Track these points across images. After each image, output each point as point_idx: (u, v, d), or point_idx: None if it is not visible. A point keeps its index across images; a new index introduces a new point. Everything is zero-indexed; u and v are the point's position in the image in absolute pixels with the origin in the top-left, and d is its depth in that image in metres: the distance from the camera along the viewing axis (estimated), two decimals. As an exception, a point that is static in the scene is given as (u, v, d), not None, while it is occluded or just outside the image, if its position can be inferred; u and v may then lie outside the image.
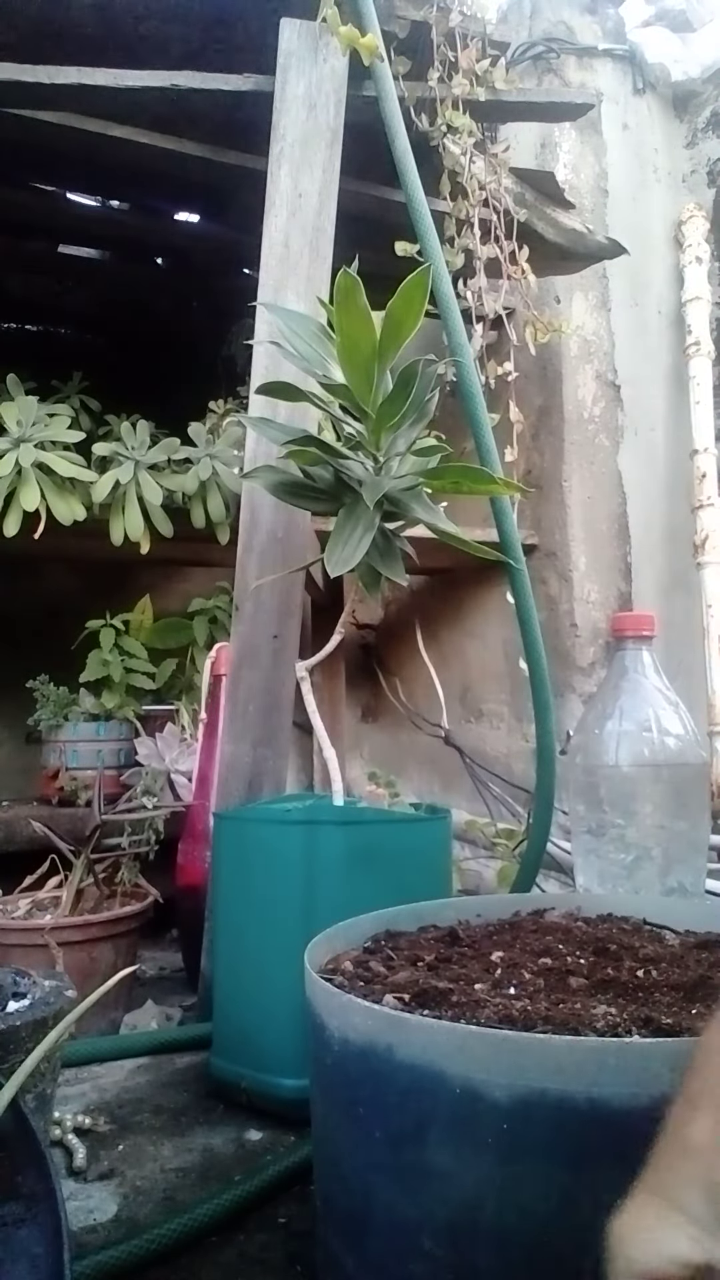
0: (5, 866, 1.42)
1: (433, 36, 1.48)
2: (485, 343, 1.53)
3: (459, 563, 1.82)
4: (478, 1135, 0.46)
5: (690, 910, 0.80)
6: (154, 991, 1.37)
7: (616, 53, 1.91)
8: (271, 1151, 0.87)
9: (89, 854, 1.27)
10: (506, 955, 0.68)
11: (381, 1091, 0.50)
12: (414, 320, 0.96)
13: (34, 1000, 0.66)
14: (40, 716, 1.80)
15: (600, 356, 1.82)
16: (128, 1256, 0.67)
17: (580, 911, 0.83)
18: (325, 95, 1.36)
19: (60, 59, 1.34)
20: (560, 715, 1.56)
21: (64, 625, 1.91)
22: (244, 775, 1.23)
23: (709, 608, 1.76)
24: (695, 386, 1.87)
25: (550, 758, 1.23)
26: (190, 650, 1.93)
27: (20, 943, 1.17)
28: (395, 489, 1.03)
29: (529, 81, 1.83)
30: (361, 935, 0.74)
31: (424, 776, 2.10)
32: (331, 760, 1.09)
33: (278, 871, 0.97)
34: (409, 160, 1.28)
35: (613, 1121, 0.44)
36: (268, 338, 1.16)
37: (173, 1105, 0.98)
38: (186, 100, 1.38)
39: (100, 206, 1.93)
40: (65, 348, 2.49)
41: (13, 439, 1.48)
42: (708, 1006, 0.56)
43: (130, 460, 1.55)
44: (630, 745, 1.14)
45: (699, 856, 1.14)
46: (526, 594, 1.24)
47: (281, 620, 1.26)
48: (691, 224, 1.93)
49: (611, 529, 1.80)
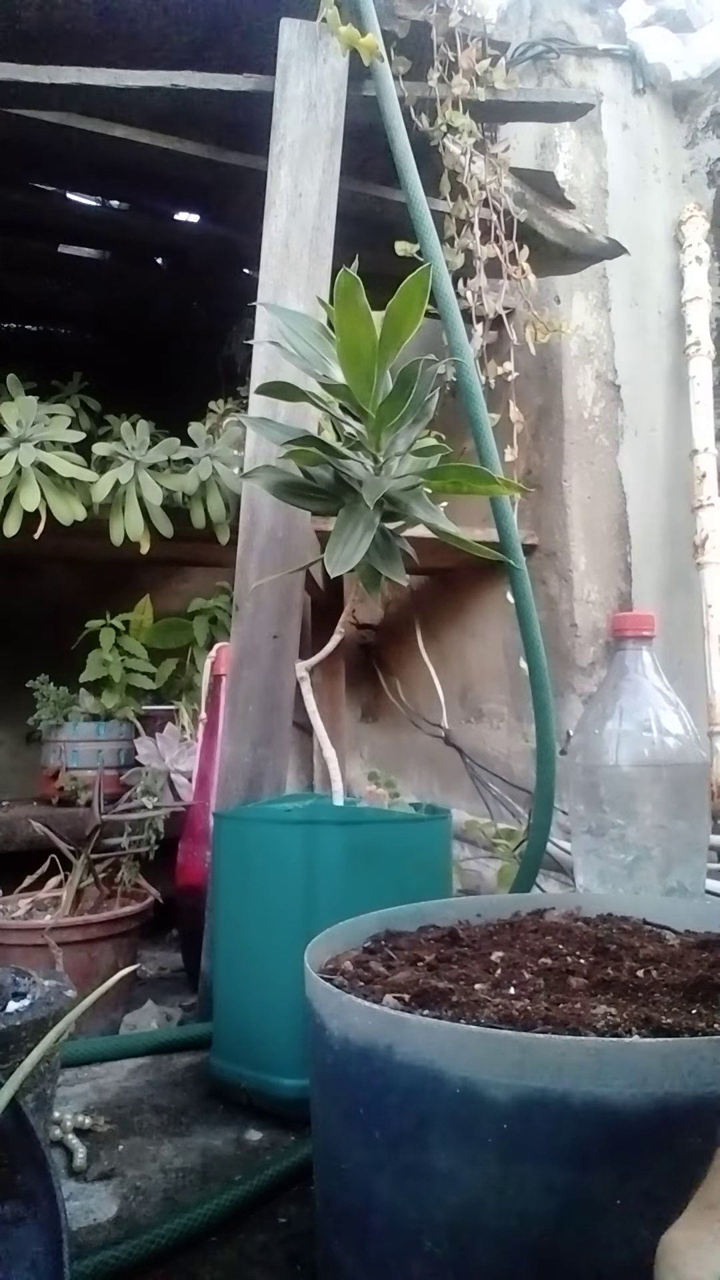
0: (5, 866, 1.42)
1: (433, 36, 1.48)
2: (485, 343, 1.53)
3: (459, 563, 1.82)
4: (478, 1135, 0.46)
5: (690, 910, 0.80)
6: (154, 991, 1.37)
7: (616, 53, 1.91)
8: (271, 1151, 0.87)
9: (89, 854, 1.27)
10: (506, 955, 0.68)
11: (381, 1091, 0.50)
12: (414, 320, 0.96)
13: (34, 1000, 0.66)
14: (40, 716, 1.80)
15: (600, 356, 1.82)
16: (128, 1256, 0.67)
17: (580, 911, 0.83)
18: (325, 95, 1.36)
19: (60, 59, 1.34)
20: (560, 715, 1.56)
21: (64, 625, 1.91)
22: (244, 775, 1.23)
23: (709, 608, 1.76)
24: (695, 386, 1.87)
25: (550, 758, 1.23)
26: (190, 650, 1.93)
27: (20, 943, 1.17)
28: (395, 489, 1.03)
29: (529, 81, 1.83)
30: (361, 935, 0.74)
31: (424, 776, 2.10)
32: (331, 760, 1.09)
33: (278, 871, 0.97)
34: (409, 160, 1.28)
35: (613, 1121, 0.44)
36: (268, 338, 1.15)
37: (173, 1105, 0.97)
38: (186, 100, 1.38)
39: (100, 206, 1.93)
40: (65, 348, 2.49)
41: (13, 439, 1.48)
42: (708, 1006, 0.56)
43: (130, 460, 1.55)
44: (630, 745, 1.14)
45: (699, 856, 1.14)
46: (526, 594, 1.24)
47: (281, 620, 1.26)
48: (691, 224, 1.93)
49: (611, 529, 1.80)
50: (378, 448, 1.03)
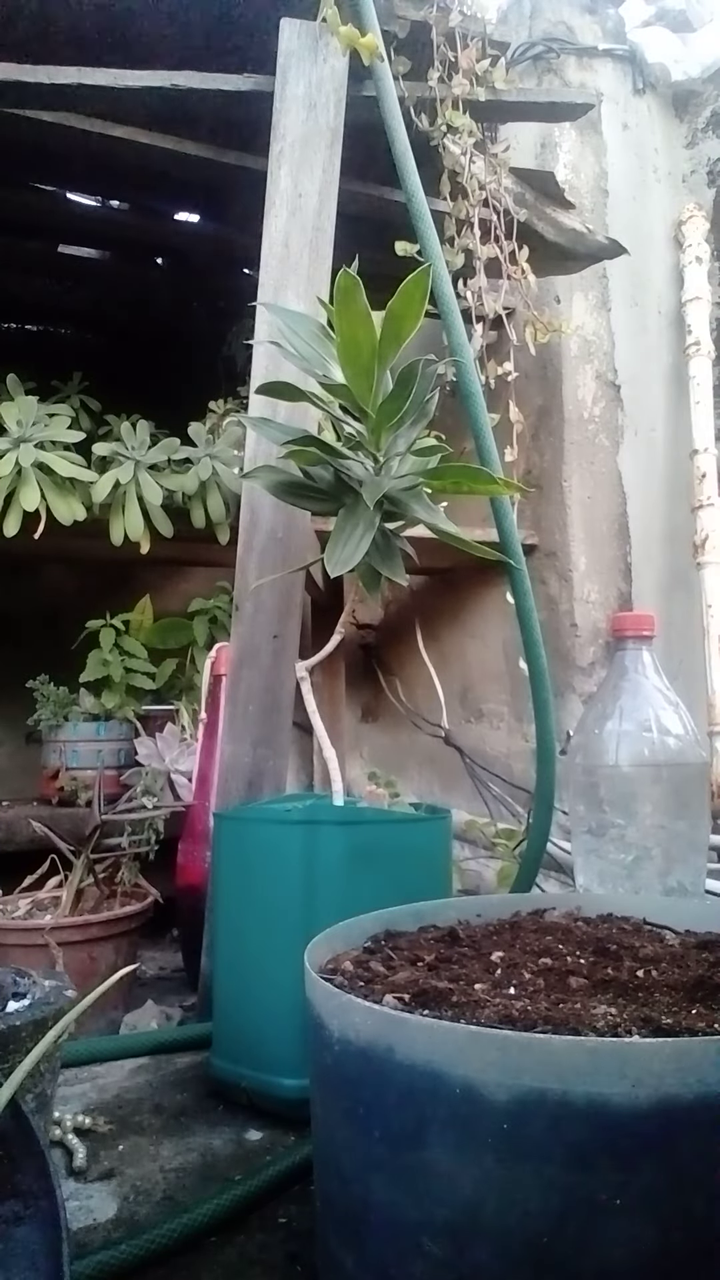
0: (5, 866, 1.42)
1: (433, 36, 1.48)
2: (485, 343, 1.53)
3: (459, 563, 1.82)
4: (478, 1135, 0.46)
5: (690, 910, 0.80)
6: (154, 991, 1.37)
7: (616, 53, 1.91)
8: (271, 1151, 0.87)
9: (89, 854, 1.27)
10: (506, 955, 0.68)
11: (381, 1091, 0.50)
12: (414, 320, 0.96)
13: (34, 1000, 0.66)
14: (40, 716, 1.80)
15: (600, 356, 1.82)
16: (128, 1256, 0.67)
17: (580, 911, 0.83)
18: (325, 95, 1.36)
19: (60, 59, 1.34)
20: (560, 715, 1.56)
21: (64, 625, 1.91)
22: (244, 775, 1.23)
23: (709, 608, 1.76)
24: (695, 386, 1.87)
25: (550, 758, 1.23)
26: (190, 650, 1.94)
27: (20, 943, 1.17)
28: (395, 489, 1.03)
29: (529, 81, 1.83)
30: (361, 935, 0.74)
31: (424, 776, 2.10)
32: (331, 760, 1.09)
33: (278, 871, 0.97)
34: (409, 160, 1.28)
35: (612, 1122, 0.44)
36: (268, 338, 1.15)
37: (173, 1105, 0.97)
38: (186, 100, 1.38)
39: (100, 206, 1.93)
40: (65, 348, 2.49)
41: (13, 439, 1.48)
42: (708, 1006, 0.56)
43: (130, 460, 1.55)
44: (630, 745, 1.14)
45: (699, 856, 1.14)
46: (526, 594, 1.24)
47: (281, 620, 1.26)
48: (691, 224, 1.93)
49: (611, 529, 1.80)
50: (378, 448, 1.03)
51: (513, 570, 1.24)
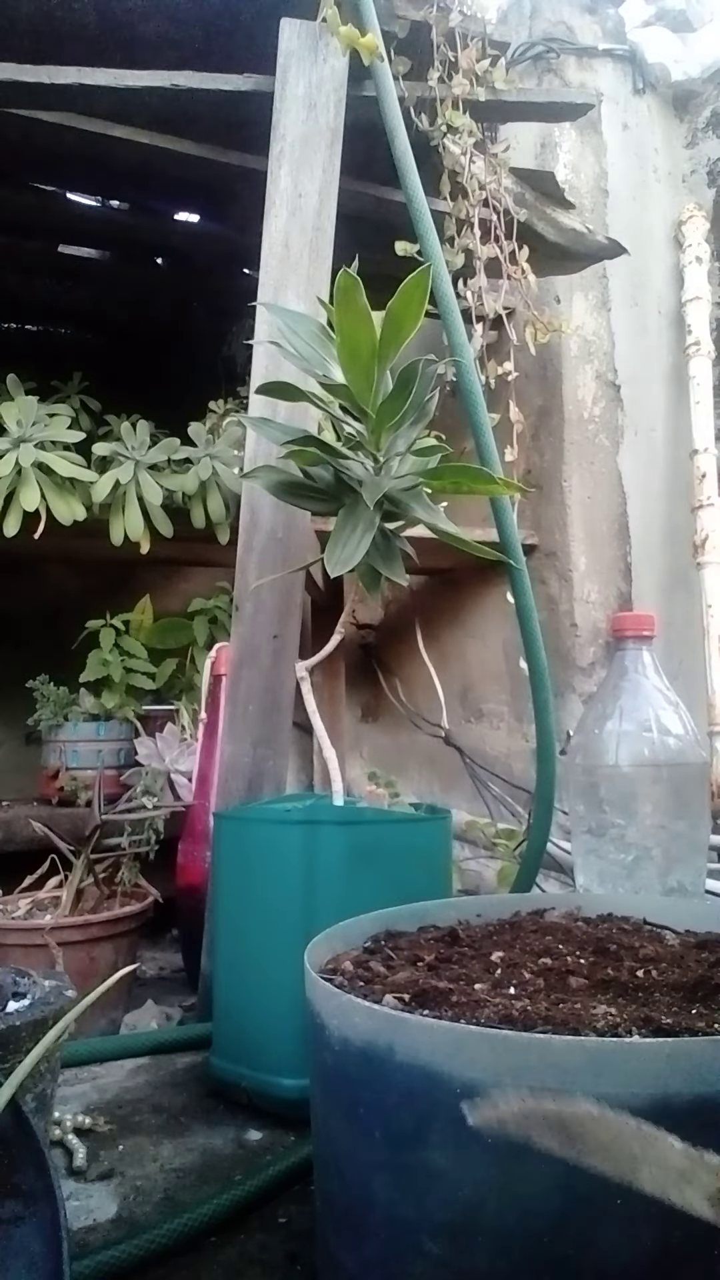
0: (5, 866, 1.42)
1: (433, 36, 1.48)
2: (485, 343, 1.53)
3: (459, 563, 1.82)
4: (478, 1135, 0.46)
5: (690, 910, 0.80)
6: (154, 991, 1.37)
7: (616, 53, 1.91)
8: (271, 1151, 0.87)
9: (89, 854, 1.27)
10: (506, 955, 0.68)
11: (381, 1091, 0.50)
12: (414, 320, 0.96)
13: (34, 1000, 0.66)
14: (40, 716, 1.80)
15: (600, 356, 1.82)
16: (128, 1256, 0.67)
17: (580, 911, 0.83)
18: (325, 95, 1.36)
19: (60, 59, 1.34)
20: (560, 715, 1.56)
21: (64, 625, 1.91)
22: (244, 775, 1.23)
23: (709, 608, 1.76)
24: (695, 386, 1.87)
25: (550, 758, 1.23)
26: (190, 650, 1.93)
27: (20, 943, 1.17)
28: (395, 489, 1.03)
29: (529, 81, 1.83)
30: (361, 935, 0.74)
31: (424, 776, 2.10)
32: (331, 760, 1.09)
33: (278, 871, 0.97)
34: (409, 160, 1.28)
35: (613, 1121, 0.44)
36: (268, 338, 1.15)
37: (173, 1105, 0.98)
38: (187, 100, 1.38)
39: (100, 206, 1.93)
40: (65, 348, 2.49)
41: (13, 439, 1.48)
42: (708, 1006, 0.56)
43: (130, 460, 1.55)
44: (630, 745, 1.14)
45: (699, 856, 1.14)
46: (526, 594, 1.24)
47: (281, 620, 1.26)
48: (691, 224, 1.93)
49: (611, 529, 1.80)
50: (378, 448, 1.03)
51: (513, 570, 1.24)
